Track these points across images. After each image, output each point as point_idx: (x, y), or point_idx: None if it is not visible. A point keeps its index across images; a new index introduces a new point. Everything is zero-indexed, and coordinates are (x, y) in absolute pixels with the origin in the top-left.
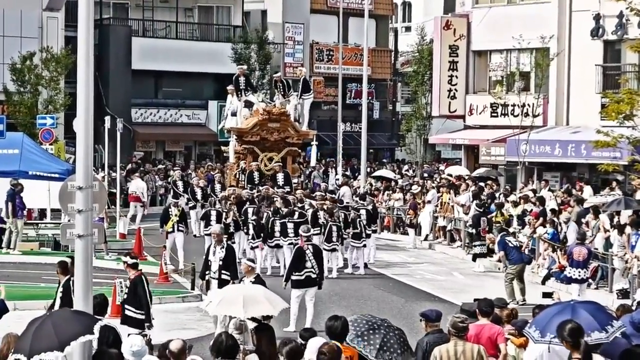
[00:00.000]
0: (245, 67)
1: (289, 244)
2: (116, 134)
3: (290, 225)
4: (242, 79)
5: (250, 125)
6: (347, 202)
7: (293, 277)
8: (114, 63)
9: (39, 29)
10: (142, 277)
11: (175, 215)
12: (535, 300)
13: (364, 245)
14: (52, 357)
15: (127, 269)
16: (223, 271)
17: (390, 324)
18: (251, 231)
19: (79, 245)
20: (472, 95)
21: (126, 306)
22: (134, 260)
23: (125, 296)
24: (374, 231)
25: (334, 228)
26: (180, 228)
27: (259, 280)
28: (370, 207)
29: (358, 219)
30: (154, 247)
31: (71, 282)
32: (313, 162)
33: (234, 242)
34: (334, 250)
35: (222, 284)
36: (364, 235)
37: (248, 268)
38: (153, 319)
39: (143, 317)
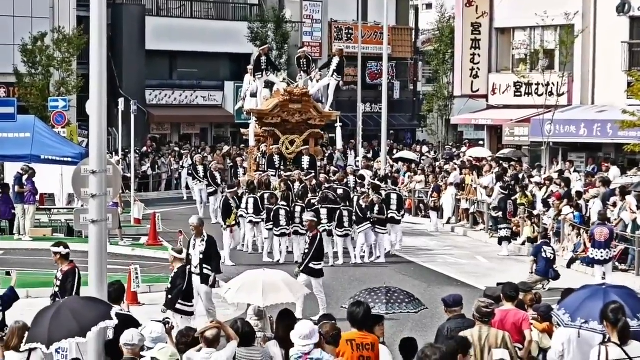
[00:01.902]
0: (267, 46)
1: (322, 230)
2: (130, 116)
3: (323, 212)
4: (263, 59)
5: (271, 106)
6: (367, 186)
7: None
8: (127, 43)
9: (50, 9)
10: (76, 270)
11: (237, 206)
12: (562, 284)
13: (387, 232)
14: (67, 345)
15: (59, 261)
16: (204, 265)
17: (389, 286)
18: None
19: (93, 230)
20: (495, 74)
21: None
22: (67, 251)
23: (57, 289)
24: (390, 219)
25: (345, 213)
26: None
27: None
28: (385, 194)
29: (385, 204)
30: (170, 232)
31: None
32: (339, 145)
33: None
34: (346, 235)
35: (204, 279)
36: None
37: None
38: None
39: None
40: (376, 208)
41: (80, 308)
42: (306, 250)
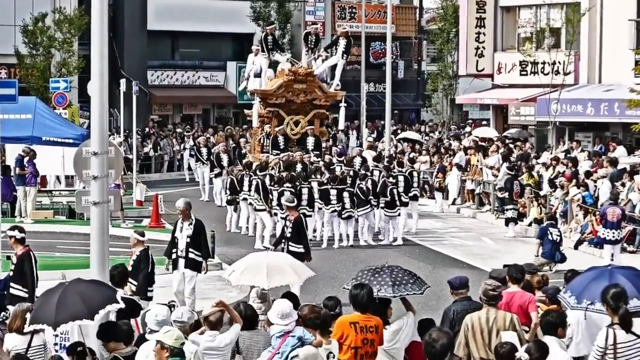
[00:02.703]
0: (274, 25)
1: (332, 211)
2: (132, 97)
3: (333, 192)
4: (270, 38)
5: (275, 86)
6: (372, 168)
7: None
8: (129, 24)
9: None
10: (31, 253)
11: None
12: (569, 267)
13: (399, 214)
14: (69, 328)
15: (14, 244)
16: (191, 249)
17: (390, 265)
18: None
19: (95, 212)
20: (501, 53)
21: (12, 284)
22: (22, 235)
23: (12, 273)
24: (414, 198)
25: (346, 194)
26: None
27: None
28: (407, 173)
29: (392, 187)
30: (172, 214)
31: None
32: (342, 125)
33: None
34: (349, 217)
35: (189, 263)
36: (398, 203)
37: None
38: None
39: (27, 296)
40: (389, 190)
41: (87, 291)
42: (288, 234)
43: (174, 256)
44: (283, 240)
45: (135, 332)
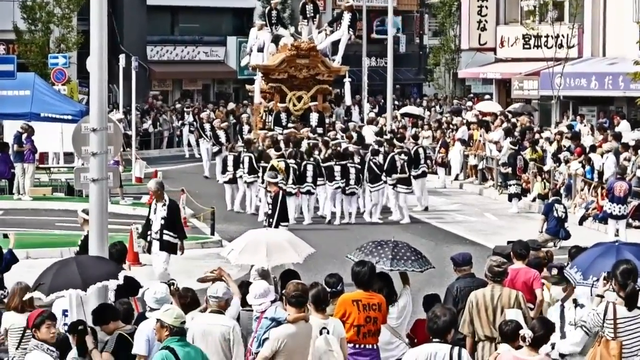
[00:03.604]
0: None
1: (336, 187)
2: (131, 72)
3: (337, 169)
4: (274, 13)
5: (277, 62)
6: (371, 143)
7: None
8: None
9: None
10: None
11: (280, 170)
12: (574, 243)
13: (412, 192)
14: (66, 295)
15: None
16: (165, 231)
17: (397, 240)
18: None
19: (94, 189)
20: (503, 26)
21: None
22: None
23: None
24: (422, 174)
25: (352, 170)
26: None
27: None
28: (414, 150)
29: (401, 162)
30: (172, 190)
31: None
32: (348, 101)
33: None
34: (352, 194)
35: (164, 245)
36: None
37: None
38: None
39: None
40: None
41: (89, 263)
42: (269, 211)
43: (149, 238)
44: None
45: (134, 311)
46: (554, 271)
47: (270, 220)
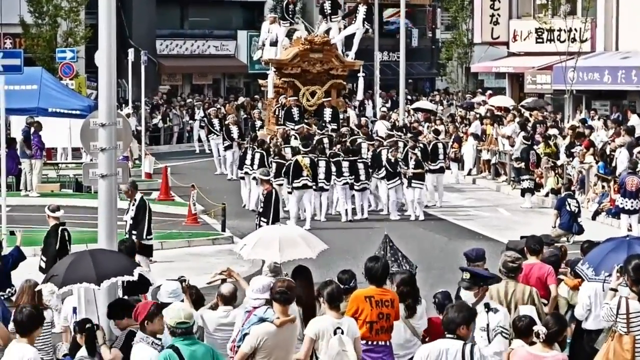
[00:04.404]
0: None
1: (344, 184)
2: (140, 67)
3: (345, 164)
4: (291, 6)
5: (290, 56)
6: (381, 137)
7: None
8: None
9: None
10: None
11: (305, 166)
12: (586, 237)
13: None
14: (75, 290)
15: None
16: (133, 231)
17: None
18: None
19: (102, 185)
20: (516, 20)
21: None
22: None
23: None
24: (440, 170)
25: (361, 166)
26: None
27: None
28: (432, 144)
29: (414, 157)
30: (182, 186)
31: None
32: (360, 96)
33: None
34: (364, 189)
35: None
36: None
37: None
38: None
39: None
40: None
41: (104, 258)
42: (261, 209)
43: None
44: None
45: None
46: (467, 274)
47: (262, 219)
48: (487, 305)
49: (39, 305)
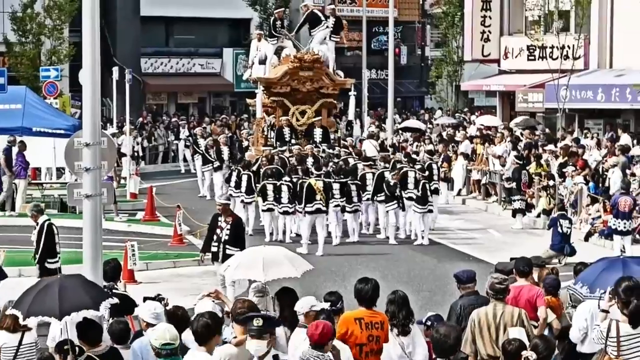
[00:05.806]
0: (282, 9)
1: (335, 205)
2: (125, 85)
3: (335, 186)
4: (278, 23)
5: (280, 74)
6: (373, 158)
7: None
8: (121, 9)
9: None
10: None
11: (318, 190)
12: (579, 259)
13: (430, 211)
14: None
15: None
16: (36, 255)
17: None
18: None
19: (87, 205)
20: (507, 37)
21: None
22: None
23: None
24: (435, 191)
25: (353, 187)
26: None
27: None
28: (427, 165)
29: (424, 180)
30: (167, 206)
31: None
32: (351, 115)
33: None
34: (355, 211)
35: (42, 272)
36: (430, 198)
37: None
38: None
39: None
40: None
41: (71, 290)
42: (226, 237)
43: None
44: (215, 244)
45: (131, 330)
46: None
47: (227, 246)
48: None
49: (216, 314)
